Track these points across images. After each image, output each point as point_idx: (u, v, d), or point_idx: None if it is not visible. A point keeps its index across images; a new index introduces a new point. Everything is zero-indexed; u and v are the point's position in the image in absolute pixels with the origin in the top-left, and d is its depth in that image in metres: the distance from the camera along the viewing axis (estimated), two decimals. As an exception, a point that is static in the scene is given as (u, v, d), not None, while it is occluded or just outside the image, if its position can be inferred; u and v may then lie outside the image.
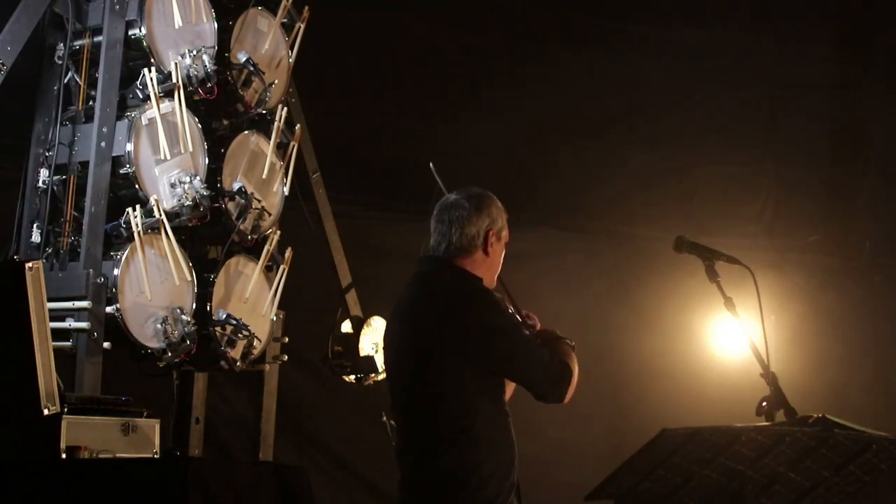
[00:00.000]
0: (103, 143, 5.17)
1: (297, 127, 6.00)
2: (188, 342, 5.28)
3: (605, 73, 8.22)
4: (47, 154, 5.31)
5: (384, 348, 4.47)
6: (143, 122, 5.25)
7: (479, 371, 4.06)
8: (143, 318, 5.18)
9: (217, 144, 5.62)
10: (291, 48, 6.01)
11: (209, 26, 5.57)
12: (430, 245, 4.28)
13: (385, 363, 4.43)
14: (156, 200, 5.18)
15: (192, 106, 5.46)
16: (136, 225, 5.10)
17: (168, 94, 5.32)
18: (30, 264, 4.22)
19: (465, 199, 4.25)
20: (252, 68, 5.64)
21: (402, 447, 4.21)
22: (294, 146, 5.95)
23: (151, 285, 5.17)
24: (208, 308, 5.46)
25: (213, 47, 5.53)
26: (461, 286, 4.16)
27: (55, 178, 5.26)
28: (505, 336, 4.09)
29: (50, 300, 4.33)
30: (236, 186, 5.59)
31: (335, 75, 7.23)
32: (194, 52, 5.38)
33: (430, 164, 4.71)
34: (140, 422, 4.74)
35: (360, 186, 7.46)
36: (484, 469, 4.04)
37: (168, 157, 5.29)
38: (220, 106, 5.70)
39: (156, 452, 4.77)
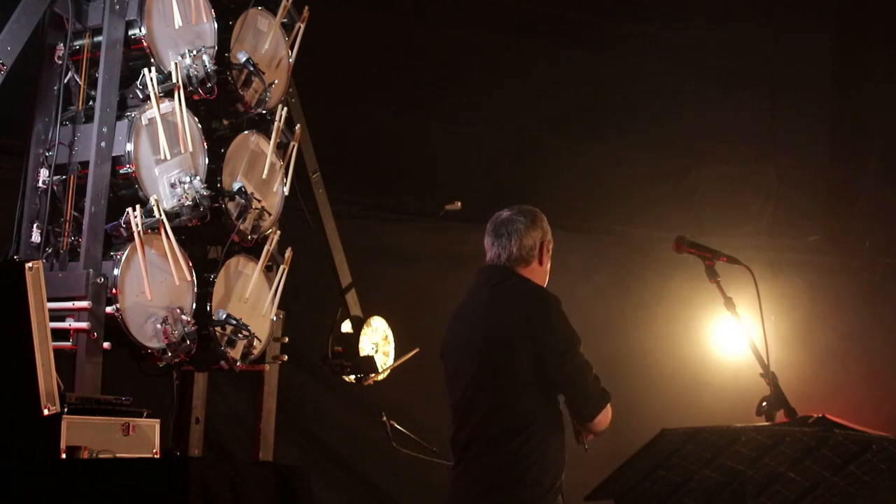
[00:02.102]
0: (103, 143, 5.17)
1: (297, 127, 6.00)
2: (188, 342, 5.28)
3: (605, 73, 8.23)
4: (47, 154, 5.31)
5: (449, 347, 4.60)
6: (143, 122, 5.25)
7: (544, 372, 4.33)
8: (143, 318, 5.18)
9: (217, 144, 5.62)
10: (291, 48, 6.01)
11: (209, 26, 5.57)
12: (489, 258, 4.56)
13: (450, 361, 4.58)
14: (156, 200, 5.18)
15: (192, 106, 5.46)
16: (136, 225, 5.10)
17: (168, 94, 5.32)
18: (30, 264, 4.22)
19: (518, 214, 4.57)
20: (252, 68, 5.64)
21: (466, 441, 4.41)
22: (294, 146, 5.95)
23: (151, 285, 5.17)
24: (208, 308, 5.46)
25: (213, 47, 5.53)
26: (535, 289, 4.48)
27: (55, 178, 5.26)
28: (567, 343, 4.38)
29: (50, 300, 4.33)
30: (236, 186, 5.59)
31: (335, 75, 7.23)
32: (194, 52, 5.38)
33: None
34: (140, 422, 4.74)
35: (360, 186, 7.46)
36: (542, 464, 4.31)
37: (168, 157, 5.29)
38: (220, 106, 5.70)
39: (156, 452, 4.77)
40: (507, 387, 4.34)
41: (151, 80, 5.22)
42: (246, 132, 5.77)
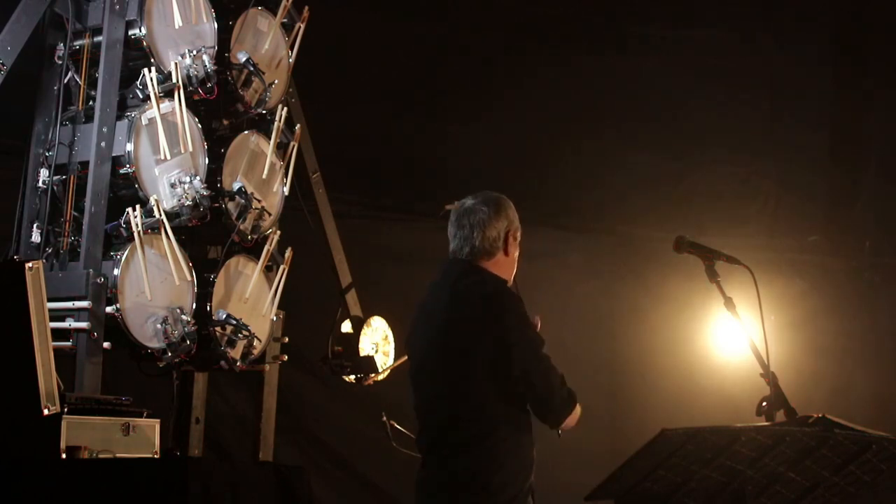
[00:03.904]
0: (103, 143, 5.17)
1: (297, 127, 6.00)
2: (188, 342, 5.28)
3: (604, 73, 8.22)
4: (47, 154, 5.31)
5: (409, 348, 4.56)
6: (143, 122, 5.25)
7: (502, 375, 4.19)
8: (143, 318, 5.18)
9: (217, 144, 5.63)
10: (291, 48, 6.01)
11: (209, 26, 5.57)
12: (451, 249, 4.42)
13: (411, 363, 4.52)
14: (156, 200, 5.18)
15: (192, 106, 5.47)
16: (136, 225, 5.10)
17: (168, 94, 5.32)
18: (30, 264, 4.22)
19: (482, 203, 4.39)
20: (252, 68, 5.64)
21: (429, 443, 4.33)
22: (294, 146, 5.95)
23: (151, 285, 5.18)
24: (208, 308, 5.46)
25: (213, 47, 5.54)
26: (491, 291, 4.29)
27: (55, 178, 5.26)
28: (528, 349, 4.21)
29: (50, 300, 4.33)
30: (236, 186, 5.59)
31: (335, 75, 7.23)
32: (194, 52, 5.39)
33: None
34: (140, 422, 4.74)
35: (361, 186, 7.46)
36: (507, 469, 4.18)
37: (168, 157, 5.29)
38: (220, 106, 5.70)
39: (156, 452, 4.77)
40: (467, 392, 4.21)
41: (151, 80, 5.23)
42: (246, 132, 5.77)
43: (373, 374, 6.24)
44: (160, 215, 5.18)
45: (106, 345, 5.02)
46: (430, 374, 4.32)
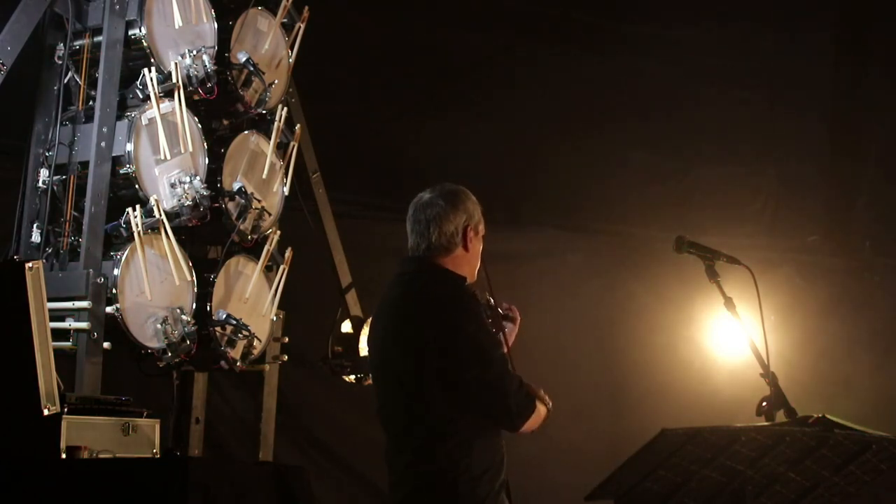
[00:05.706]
0: (103, 143, 5.17)
1: (297, 127, 6.01)
2: (188, 342, 5.28)
3: (604, 73, 8.23)
4: (47, 154, 5.32)
5: (368, 350, 4.47)
6: (143, 122, 5.26)
7: (457, 378, 4.05)
8: (143, 318, 5.18)
9: (217, 144, 5.63)
10: (291, 48, 6.01)
11: (209, 26, 5.57)
12: (409, 245, 4.27)
13: (370, 364, 4.42)
14: (156, 200, 5.19)
15: (192, 106, 5.47)
16: (136, 225, 5.11)
17: (168, 94, 5.33)
18: (30, 264, 4.22)
19: (439, 196, 4.24)
20: (252, 68, 5.64)
21: (393, 448, 4.21)
22: (294, 146, 5.95)
23: (151, 285, 5.18)
24: (208, 308, 5.46)
25: (213, 47, 5.54)
26: (445, 291, 4.14)
27: (55, 178, 5.27)
28: (479, 352, 4.06)
29: (50, 300, 4.33)
30: (236, 186, 5.59)
31: (335, 75, 7.23)
32: (194, 52, 5.39)
33: None
34: (140, 422, 4.74)
35: (361, 186, 7.46)
36: (475, 469, 4.06)
37: (168, 157, 5.29)
38: (220, 106, 5.71)
39: (156, 452, 4.77)
40: (423, 395, 4.05)
41: (151, 80, 5.23)
42: (246, 132, 5.77)
43: (373, 374, 6.24)
44: (160, 215, 5.18)
45: (106, 345, 5.02)
46: (386, 376, 4.18)
